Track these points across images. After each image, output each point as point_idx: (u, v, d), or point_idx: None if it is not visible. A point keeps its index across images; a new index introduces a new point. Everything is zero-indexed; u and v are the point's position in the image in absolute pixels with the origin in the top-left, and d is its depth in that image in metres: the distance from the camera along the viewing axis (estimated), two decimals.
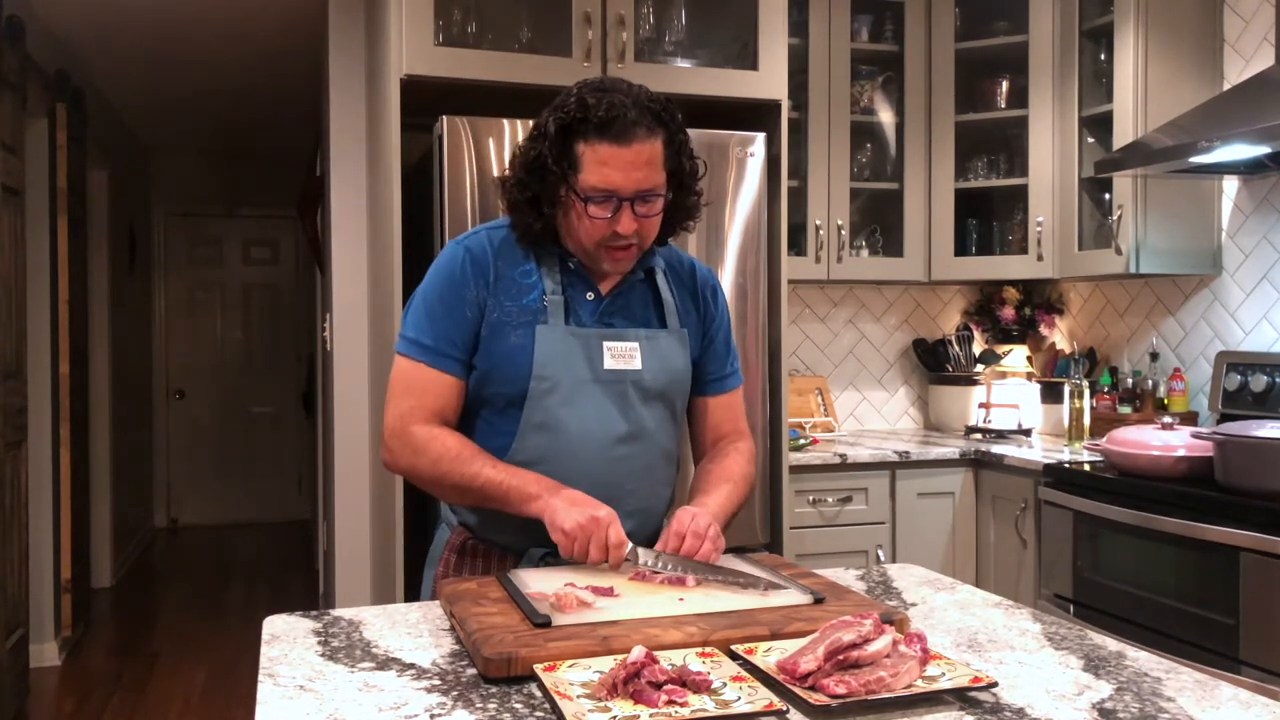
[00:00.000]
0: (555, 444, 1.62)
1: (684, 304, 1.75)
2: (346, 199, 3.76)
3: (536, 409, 1.61)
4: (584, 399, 1.63)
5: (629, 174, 1.54)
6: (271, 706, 1.11)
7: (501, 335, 1.63)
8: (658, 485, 1.71)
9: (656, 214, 1.61)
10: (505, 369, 1.62)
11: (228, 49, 4.93)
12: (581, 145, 1.55)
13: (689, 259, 1.82)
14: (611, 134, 1.53)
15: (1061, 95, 3.52)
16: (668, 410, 1.71)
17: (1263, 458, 2.41)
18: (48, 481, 4.47)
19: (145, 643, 4.91)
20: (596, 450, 1.63)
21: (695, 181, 1.67)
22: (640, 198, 1.57)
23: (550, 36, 2.97)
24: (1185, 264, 3.31)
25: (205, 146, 7.36)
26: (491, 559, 1.68)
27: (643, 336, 1.67)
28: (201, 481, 7.82)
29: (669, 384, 1.70)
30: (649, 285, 1.73)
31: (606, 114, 1.53)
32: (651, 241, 1.65)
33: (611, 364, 1.64)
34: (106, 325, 5.80)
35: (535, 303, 1.64)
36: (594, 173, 1.54)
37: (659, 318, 1.71)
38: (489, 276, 1.64)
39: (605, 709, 1.04)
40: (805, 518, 3.29)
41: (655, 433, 1.69)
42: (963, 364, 3.97)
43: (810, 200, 3.64)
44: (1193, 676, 1.19)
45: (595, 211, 1.56)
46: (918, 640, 1.16)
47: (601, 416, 1.63)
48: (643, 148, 1.55)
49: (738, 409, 1.82)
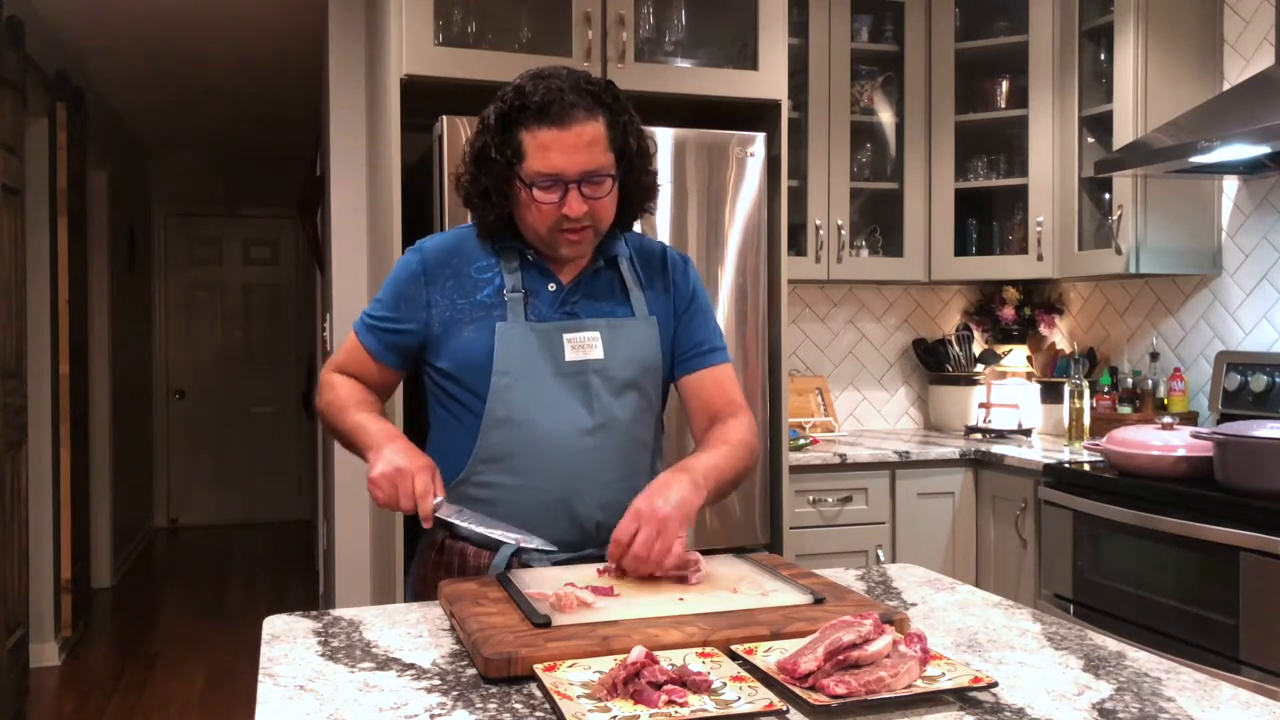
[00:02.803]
0: (519, 439, 1.62)
1: (653, 290, 1.74)
2: (346, 199, 3.76)
3: (498, 405, 1.62)
4: (547, 393, 1.63)
5: (571, 156, 1.55)
6: (271, 706, 1.11)
7: (455, 333, 1.65)
8: (632, 476, 1.67)
9: (606, 195, 1.60)
10: (466, 366, 1.64)
11: (228, 49, 4.93)
12: (523, 133, 1.56)
13: (660, 245, 1.81)
14: (550, 118, 1.54)
15: (1061, 95, 3.52)
16: (641, 399, 1.70)
17: (1263, 458, 2.41)
18: (48, 481, 4.46)
19: (145, 643, 4.91)
20: (562, 443, 1.62)
21: (647, 161, 1.67)
22: (586, 179, 1.57)
23: (550, 36, 2.97)
24: (1185, 264, 3.31)
25: (205, 146, 7.36)
26: (466, 556, 1.68)
27: (604, 325, 1.67)
28: (201, 481, 7.83)
29: (638, 372, 1.68)
30: (614, 273, 1.72)
31: (543, 99, 1.54)
32: (608, 224, 1.65)
33: (572, 355, 1.64)
34: (106, 325, 5.80)
35: (490, 298, 1.65)
36: (537, 158, 1.55)
37: (626, 305, 1.71)
38: (442, 274, 1.67)
39: (605, 709, 1.04)
40: (805, 518, 3.29)
41: (627, 423, 1.68)
42: (963, 364, 3.97)
43: (810, 200, 3.64)
44: (1193, 676, 1.19)
45: (542, 196, 1.57)
46: (918, 640, 1.16)
47: (566, 409, 1.63)
48: (583, 129, 1.55)
49: (728, 385, 1.76)
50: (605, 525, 1.64)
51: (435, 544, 1.72)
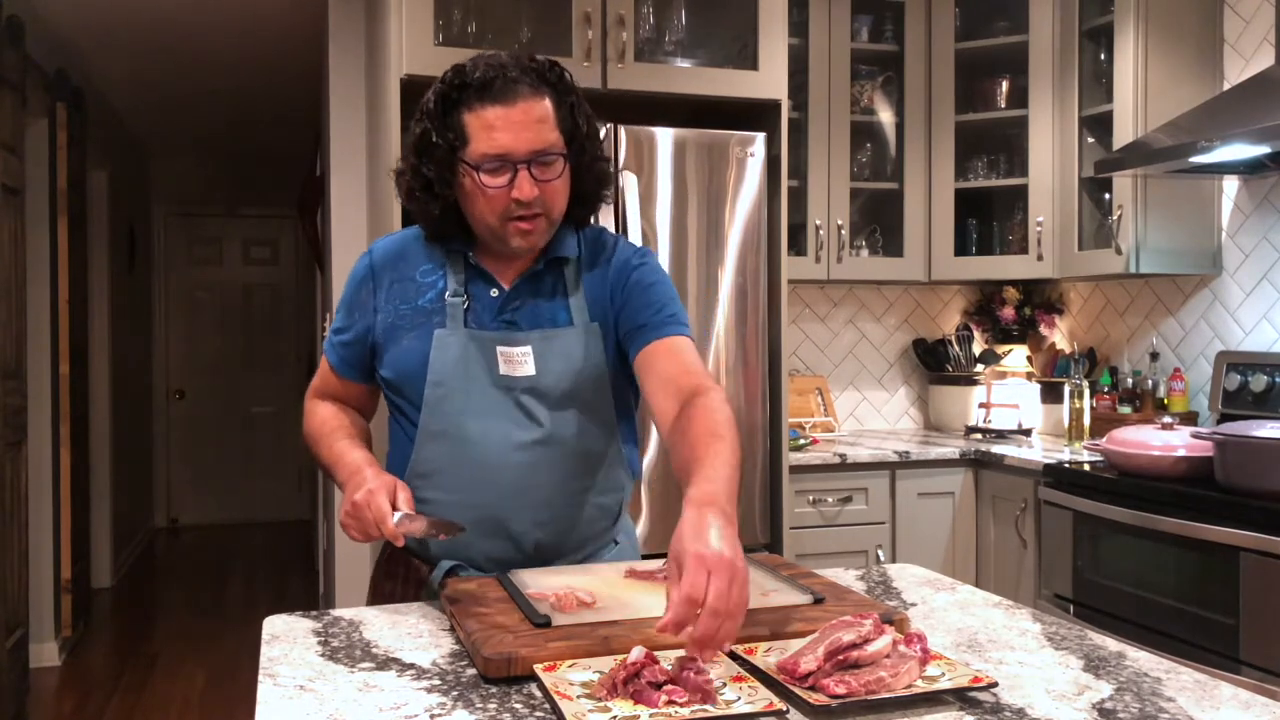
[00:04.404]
0: (453, 452, 1.55)
1: (597, 293, 1.61)
2: (346, 199, 3.76)
3: (434, 416, 1.55)
4: (482, 405, 1.54)
5: (518, 134, 1.45)
6: (271, 706, 1.11)
7: (395, 339, 1.58)
8: (577, 493, 1.59)
9: (557, 178, 1.50)
10: (405, 375, 1.56)
11: (228, 49, 4.93)
12: (466, 114, 1.47)
13: (612, 239, 1.67)
14: (493, 95, 1.45)
15: (1061, 95, 3.52)
16: (584, 411, 1.58)
17: (1263, 458, 2.41)
18: (48, 481, 4.46)
19: (145, 643, 4.91)
20: (497, 458, 1.54)
21: (597, 145, 1.57)
22: (536, 160, 1.47)
23: (550, 36, 2.97)
24: (1185, 264, 3.31)
25: (205, 146, 7.36)
26: (413, 567, 1.63)
27: (536, 339, 1.56)
28: (201, 481, 7.83)
29: (576, 384, 1.57)
30: (558, 276, 1.61)
31: (484, 75, 1.46)
32: (560, 213, 1.55)
33: (504, 369, 1.55)
34: (106, 325, 5.80)
35: (430, 303, 1.57)
36: (482, 139, 1.46)
37: (566, 311, 1.59)
38: (388, 278, 1.60)
39: (605, 709, 1.04)
40: (805, 518, 3.29)
41: (569, 437, 1.57)
42: (963, 364, 3.97)
43: (810, 200, 3.64)
44: (1193, 676, 1.19)
45: (489, 181, 1.47)
46: (918, 640, 1.16)
47: (501, 423, 1.54)
48: (530, 106, 1.46)
49: (688, 358, 1.54)
50: (544, 544, 1.58)
51: (385, 555, 1.68)
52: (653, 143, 2.94)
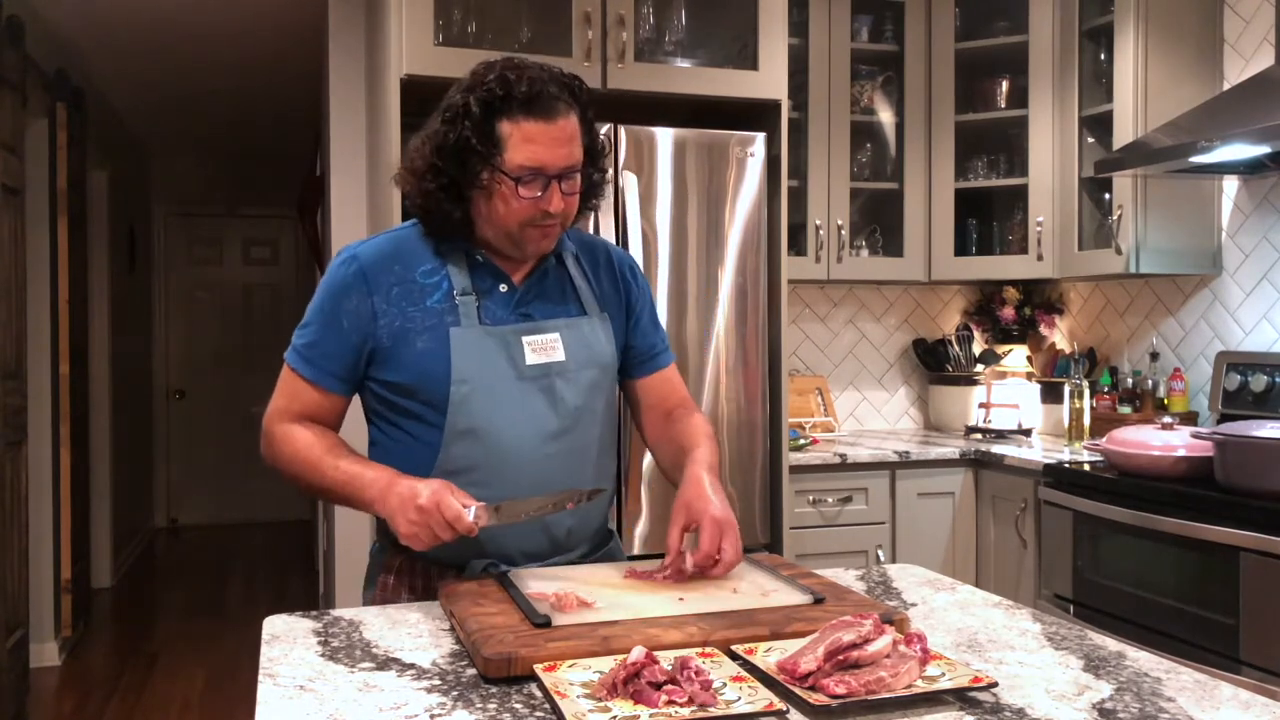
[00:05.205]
0: (483, 450, 1.55)
1: (602, 287, 1.69)
2: (346, 199, 3.76)
3: (460, 415, 1.54)
4: (509, 399, 1.55)
5: (555, 150, 1.50)
6: (271, 706, 1.11)
7: (407, 343, 1.55)
8: (592, 479, 1.64)
9: (578, 191, 1.57)
10: (422, 378, 1.55)
11: (228, 49, 4.93)
12: (506, 124, 1.49)
13: (601, 241, 1.77)
14: (537, 110, 1.49)
15: (1061, 95, 3.52)
16: (600, 398, 1.65)
17: (1263, 458, 2.41)
18: (48, 481, 4.46)
19: (145, 643, 4.91)
20: (529, 451, 1.56)
21: (603, 158, 1.64)
22: (566, 175, 1.53)
23: (550, 36, 2.97)
24: (1185, 264, 3.31)
25: (205, 146, 7.36)
26: (431, 576, 1.60)
27: (562, 325, 1.61)
28: (201, 481, 7.82)
29: (598, 372, 1.64)
30: (563, 271, 1.67)
31: (529, 90, 1.48)
32: (571, 220, 1.60)
33: (534, 359, 1.57)
34: (106, 325, 5.80)
35: (440, 303, 1.57)
36: (521, 151, 1.49)
37: (578, 304, 1.65)
38: (386, 282, 1.57)
39: (605, 709, 1.04)
40: (805, 518, 3.29)
41: (589, 424, 1.63)
42: (963, 364, 3.97)
43: (810, 200, 3.64)
44: (1193, 676, 1.19)
45: (525, 192, 1.50)
46: (918, 640, 1.16)
47: (531, 415, 1.57)
48: (566, 124, 1.51)
49: (676, 383, 1.77)
50: (575, 531, 1.61)
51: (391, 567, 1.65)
52: (653, 143, 2.94)
